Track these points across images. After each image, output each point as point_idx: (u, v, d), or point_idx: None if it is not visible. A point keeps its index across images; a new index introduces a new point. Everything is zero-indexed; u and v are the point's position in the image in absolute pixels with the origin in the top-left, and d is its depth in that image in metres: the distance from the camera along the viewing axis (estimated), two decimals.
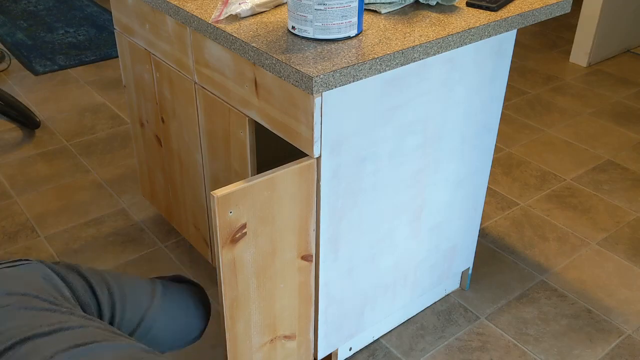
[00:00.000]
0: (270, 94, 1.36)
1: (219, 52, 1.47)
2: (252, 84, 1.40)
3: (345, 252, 1.52)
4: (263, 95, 1.38)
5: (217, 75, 1.51)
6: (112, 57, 3.57)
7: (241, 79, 1.43)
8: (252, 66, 1.37)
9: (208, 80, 1.56)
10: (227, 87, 1.50)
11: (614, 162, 2.70)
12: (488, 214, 2.36)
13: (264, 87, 1.36)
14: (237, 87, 1.46)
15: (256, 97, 1.40)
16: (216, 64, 1.50)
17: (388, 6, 1.48)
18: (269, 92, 1.36)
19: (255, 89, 1.40)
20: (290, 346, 1.56)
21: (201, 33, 1.46)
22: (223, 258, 1.30)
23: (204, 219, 1.85)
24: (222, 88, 1.52)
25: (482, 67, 1.57)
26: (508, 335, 1.86)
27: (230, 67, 1.45)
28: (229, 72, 1.46)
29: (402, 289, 1.76)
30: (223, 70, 1.48)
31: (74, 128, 2.88)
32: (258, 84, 1.38)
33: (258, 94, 1.39)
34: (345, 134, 1.35)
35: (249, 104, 1.44)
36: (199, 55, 1.56)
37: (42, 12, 4.18)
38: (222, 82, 1.51)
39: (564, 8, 1.58)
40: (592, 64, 3.59)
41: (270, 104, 1.37)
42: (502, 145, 2.80)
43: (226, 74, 1.48)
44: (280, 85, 1.31)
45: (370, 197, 1.49)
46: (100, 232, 2.22)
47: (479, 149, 1.72)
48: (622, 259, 2.16)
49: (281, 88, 1.31)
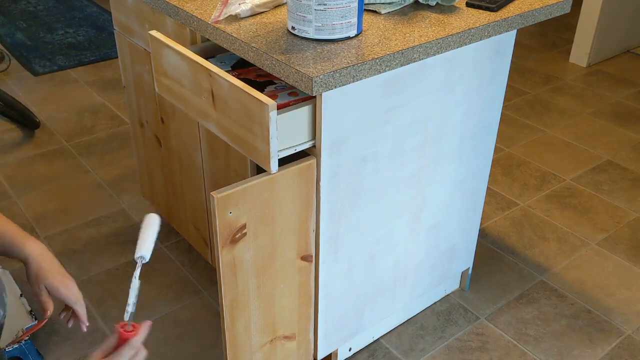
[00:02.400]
0: (227, 105, 1.31)
1: (177, 61, 1.42)
2: (209, 94, 1.35)
3: (345, 252, 1.52)
4: (220, 107, 1.33)
5: (176, 85, 1.46)
6: (112, 57, 3.57)
7: (199, 90, 1.38)
8: (208, 77, 1.32)
9: (168, 90, 1.51)
10: (186, 98, 1.44)
11: (614, 162, 2.70)
12: (488, 214, 2.36)
13: (221, 98, 1.32)
14: (195, 97, 1.40)
15: (213, 109, 1.36)
16: (175, 73, 1.45)
17: (388, 6, 1.48)
18: (225, 103, 1.31)
19: (212, 100, 1.35)
20: (290, 346, 1.56)
21: (201, 33, 1.46)
22: (223, 258, 1.30)
23: (203, 220, 1.85)
24: (181, 98, 1.47)
25: (482, 68, 1.57)
26: (508, 336, 1.86)
27: (188, 77, 1.41)
28: (187, 82, 1.41)
29: (402, 289, 1.76)
30: (181, 80, 1.43)
31: (73, 128, 2.88)
32: (215, 95, 1.33)
33: (215, 105, 1.34)
34: (345, 134, 1.35)
35: (207, 115, 1.39)
36: (157, 64, 1.49)
37: (42, 13, 4.17)
38: (181, 92, 1.45)
39: (563, 8, 1.58)
40: (592, 64, 3.59)
41: (227, 116, 1.32)
42: (502, 145, 2.80)
43: (184, 84, 1.43)
44: (236, 97, 1.27)
45: (370, 197, 1.49)
46: (100, 232, 2.22)
47: (478, 149, 1.72)
48: (621, 259, 2.16)
49: (237, 100, 1.27)
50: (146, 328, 1.04)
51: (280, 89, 1.41)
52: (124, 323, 1.03)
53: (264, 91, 1.40)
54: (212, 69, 1.30)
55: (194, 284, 2.02)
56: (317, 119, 1.30)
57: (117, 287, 1.99)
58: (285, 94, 1.39)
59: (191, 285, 2.02)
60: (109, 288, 2.00)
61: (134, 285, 1.07)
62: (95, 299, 1.95)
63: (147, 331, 1.04)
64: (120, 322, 1.03)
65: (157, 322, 1.88)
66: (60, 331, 1.84)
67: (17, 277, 1.95)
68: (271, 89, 1.41)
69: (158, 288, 2.00)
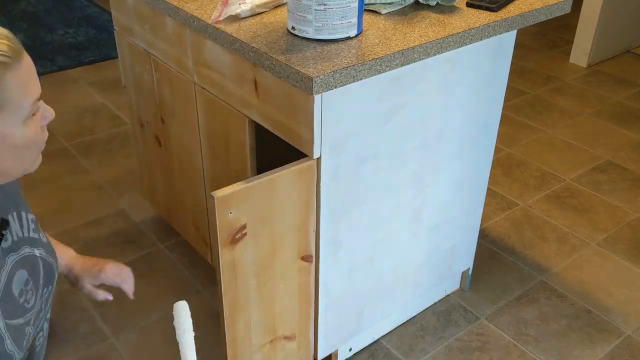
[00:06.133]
0: (270, 94, 1.35)
1: (219, 52, 1.47)
2: (252, 84, 1.39)
3: (345, 253, 1.52)
4: (263, 96, 1.38)
5: (217, 75, 1.51)
6: (112, 57, 3.57)
7: (241, 80, 1.43)
8: (252, 67, 1.37)
9: (207, 80, 1.56)
10: (226, 88, 1.50)
11: (614, 162, 2.70)
12: (488, 214, 2.36)
13: (264, 87, 1.36)
14: (237, 87, 1.45)
15: (256, 98, 1.40)
16: (216, 64, 1.50)
17: (388, 6, 1.48)
18: (268, 92, 1.36)
19: (255, 89, 1.39)
20: (290, 347, 1.56)
21: (201, 33, 1.46)
22: (223, 259, 1.29)
23: (203, 220, 1.85)
24: (221, 88, 1.52)
25: (482, 68, 1.57)
26: (508, 336, 1.86)
27: (229, 68, 1.45)
28: (229, 72, 1.46)
29: (402, 290, 1.76)
30: (222, 71, 1.48)
31: (73, 129, 2.88)
32: (258, 85, 1.38)
33: (258, 94, 1.39)
34: (345, 135, 1.35)
35: (248, 104, 1.44)
36: (198, 55, 1.56)
37: (42, 13, 4.17)
38: (221, 82, 1.51)
39: (564, 8, 1.58)
40: (592, 64, 3.59)
41: (270, 104, 1.37)
42: (502, 145, 2.80)
43: (225, 75, 1.48)
44: (279, 85, 1.31)
45: (370, 197, 1.49)
46: (100, 232, 2.22)
47: (478, 150, 1.72)
48: (621, 259, 2.16)
49: (281, 89, 1.31)
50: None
51: None
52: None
53: None
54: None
55: (194, 284, 2.02)
56: (317, 119, 1.30)
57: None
58: None
59: (191, 285, 2.02)
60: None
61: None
62: (95, 302, 1.94)
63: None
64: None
65: (157, 322, 1.88)
66: (60, 331, 1.84)
67: None
68: None
69: (158, 288, 2.00)
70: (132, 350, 1.78)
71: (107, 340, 1.82)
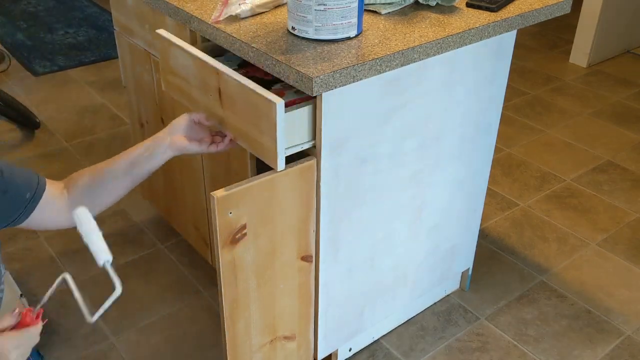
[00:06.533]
0: (233, 103, 1.30)
1: (185, 59, 1.41)
2: (217, 92, 1.34)
3: (345, 253, 1.52)
4: (227, 105, 1.33)
5: (183, 83, 1.45)
6: (112, 57, 3.57)
7: (206, 88, 1.37)
8: (215, 75, 1.32)
9: (175, 88, 1.50)
10: (193, 96, 1.44)
11: (614, 162, 2.70)
12: (488, 214, 2.36)
13: (228, 96, 1.31)
14: (202, 95, 1.40)
15: (221, 107, 1.35)
16: (182, 71, 1.44)
17: (388, 7, 1.48)
18: (233, 102, 1.30)
19: (219, 98, 1.34)
20: (290, 347, 1.56)
21: (201, 34, 1.46)
22: (223, 259, 1.30)
23: (203, 220, 1.85)
24: (188, 97, 1.46)
25: (482, 68, 1.57)
26: (508, 336, 1.86)
27: (195, 76, 1.39)
28: (194, 80, 1.40)
29: (402, 290, 1.76)
30: (188, 78, 1.42)
31: (73, 129, 2.88)
32: (222, 93, 1.32)
33: (222, 103, 1.34)
34: (345, 135, 1.35)
35: (214, 114, 1.38)
36: (164, 62, 1.49)
37: (42, 13, 4.17)
38: (188, 90, 1.44)
39: (563, 8, 1.58)
40: (592, 64, 3.59)
41: (234, 114, 1.31)
42: (502, 145, 2.80)
43: (191, 82, 1.42)
44: (244, 95, 1.26)
45: (370, 197, 1.49)
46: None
47: (478, 150, 1.72)
48: (621, 260, 2.16)
49: (245, 98, 1.26)
50: (40, 325, 1.08)
51: (287, 87, 1.42)
52: (29, 309, 1.07)
53: (271, 89, 1.40)
54: (219, 67, 1.30)
55: (194, 284, 2.02)
56: (317, 120, 1.30)
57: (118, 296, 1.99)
58: (292, 92, 1.39)
59: (191, 285, 2.02)
60: (109, 288, 1.99)
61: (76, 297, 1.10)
62: (95, 299, 1.94)
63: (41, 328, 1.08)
64: (27, 308, 1.07)
65: (157, 322, 1.88)
66: (60, 331, 1.84)
67: (17, 277, 1.96)
68: (278, 87, 1.42)
69: (158, 288, 2.00)
70: (132, 350, 1.79)
71: (107, 340, 1.82)
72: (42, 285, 1.95)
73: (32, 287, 1.98)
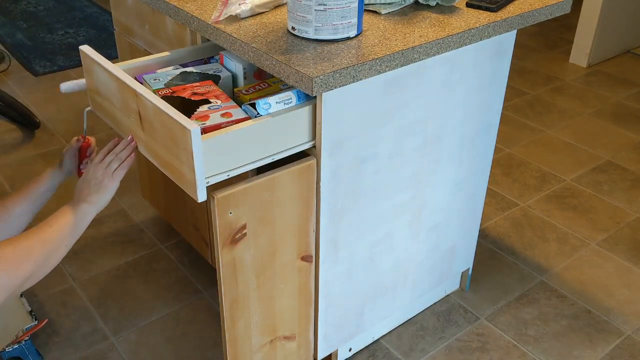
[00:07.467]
0: (153, 128, 1.24)
1: (106, 79, 1.36)
2: (137, 115, 1.28)
3: (345, 253, 1.52)
4: (148, 129, 1.26)
5: (108, 103, 1.40)
6: (112, 57, 3.57)
7: (127, 110, 1.32)
8: (134, 96, 1.26)
9: (101, 108, 1.46)
10: (117, 117, 1.39)
11: (614, 162, 2.70)
12: (488, 214, 2.36)
13: (148, 120, 1.25)
14: (125, 117, 1.35)
15: (142, 131, 1.30)
16: (105, 91, 1.39)
17: (388, 7, 1.48)
18: (152, 126, 1.24)
19: (140, 121, 1.29)
20: (290, 347, 1.56)
21: (201, 34, 1.46)
22: (223, 259, 1.30)
23: (203, 220, 1.85)
24: (113, 118, 1.42)
25: (482, 68, 1.57)
26: (508, 336, 1.86)
27: (117, 96, 1.34)
28: (117, 101, 1.35)
29: (402, 290, 1.76)
30: (111, 99, 1.38)
31: (73, 129, 2.88)
32: (142, 117, 1.26)
33: (143, 127, 1.28)
34: (345, 135, 1.35)
35: (137, 137, 1.33)
36: (90, 81, 1.45)
37: (42, 13, 4.18)
38: (112, 111, 1.40)
39: (563, 8, 1.58)
40: (592, 64, 3.59)
41: (154, 139, 1.26)
42: (502, 145, 2.80)
43: (114, 103, 1.37)
44: (161, 119, 1.19)
45: (370, 197, 1.49)
46: (100, 232, 2.22)
47: (478, 150, 1.72)
48: (621, 260, 2.16)
49: (162, 123, 1.19)
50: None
51: (214, 108, 1.28)
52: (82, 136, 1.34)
53: (196, 111, 1.26)
54: (137, 88, 1.23)
55: (194, 284, 2.02)
56: (317, 120, 1.30)
57: (117, 288, 2.00)
58: (217, 114, 1.25)
59: (191, 285, 2.02)
60: (109, 288, 2.00)
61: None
62: (95, 299, 1.95)
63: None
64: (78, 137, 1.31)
65: (157, 322, 1.88)
66: (60, 331, 1.84)
67: None
68: (204, 109, 1.27)
69: (158, 288, 2.00)
70: (132, 350, 1.79)
71: (107, 340, 1.82)
72: (42, 285, 1.95)
73: (31, 287, 1.98)
